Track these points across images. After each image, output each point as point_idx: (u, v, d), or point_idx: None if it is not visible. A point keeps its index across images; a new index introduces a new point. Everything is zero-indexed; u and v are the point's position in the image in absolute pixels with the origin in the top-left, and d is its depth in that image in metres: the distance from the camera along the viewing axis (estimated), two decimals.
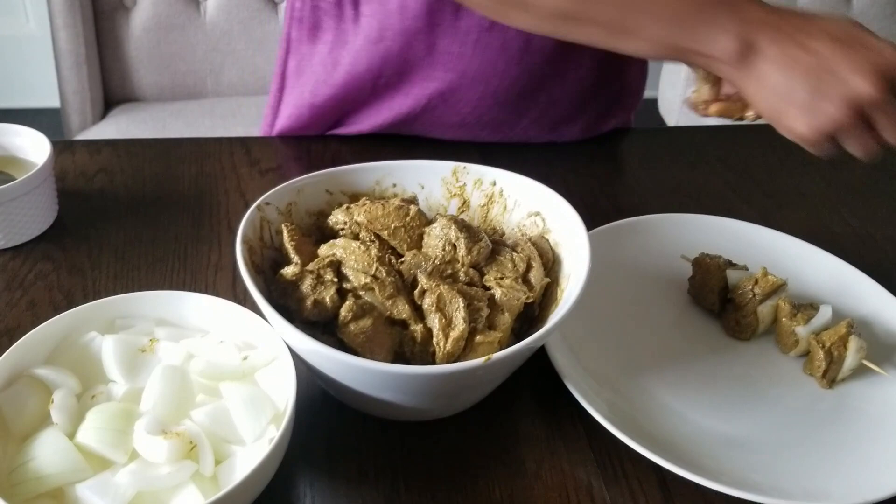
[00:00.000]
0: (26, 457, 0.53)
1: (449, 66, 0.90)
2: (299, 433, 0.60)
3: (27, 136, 0.84)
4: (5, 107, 2.62)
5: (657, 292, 0.78)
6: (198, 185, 0.91)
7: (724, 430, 0.65)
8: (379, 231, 0.65)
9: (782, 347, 0.73)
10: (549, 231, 0.69)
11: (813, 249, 0.82)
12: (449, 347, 0.59)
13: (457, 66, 0.90)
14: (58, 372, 0.58)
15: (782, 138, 1.05)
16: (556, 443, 0.64)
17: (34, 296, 0.74)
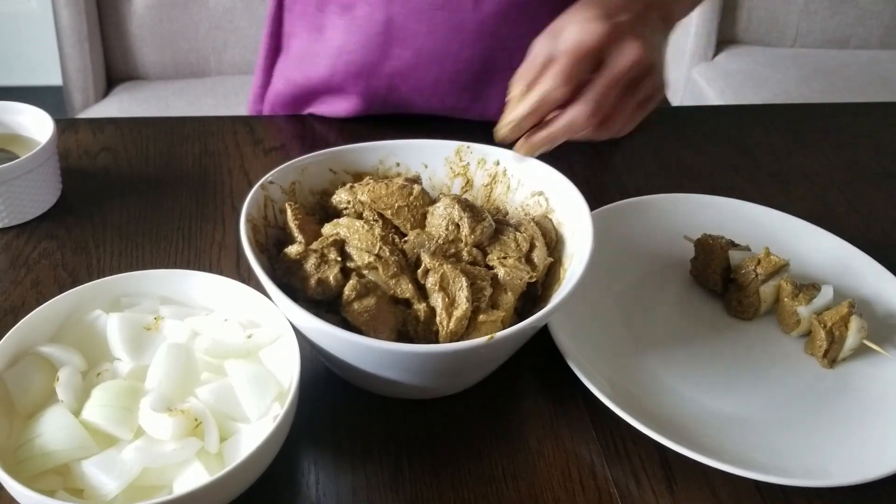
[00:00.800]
0: (32, 434, 0.54)
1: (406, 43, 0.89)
2: (303, 411, 0.60)
3: (30, 114, 0.83)
4: (7, 84, 2.61)
5: (660, 272, 0.78)
6: (201, 164, 0.91)
7: (725, 409, 0.66)
8: (382, 210, 0.65)
9: (784, 327, 0.73)
10: (553, 211, 0.69)
11: (815, 230, 0.82)
12: (452, 326, 0.60)
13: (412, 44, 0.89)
14: (63, 350, 0.59)
15: (786, 119, 1.05)
16: (559, 421, 0.65)
17: (39, 274, 0.74)
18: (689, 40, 2.14)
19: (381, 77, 0.92)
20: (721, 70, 2.10)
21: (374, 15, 0.89)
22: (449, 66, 0.90)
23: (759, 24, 2.18)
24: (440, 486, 0.59)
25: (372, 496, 0.58)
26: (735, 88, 2.03)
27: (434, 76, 0.91)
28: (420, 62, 0.90)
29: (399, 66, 0.91)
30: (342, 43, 0.92)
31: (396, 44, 0.90)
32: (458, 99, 0.94)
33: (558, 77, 0.62)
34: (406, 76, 0.92)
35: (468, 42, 0.89)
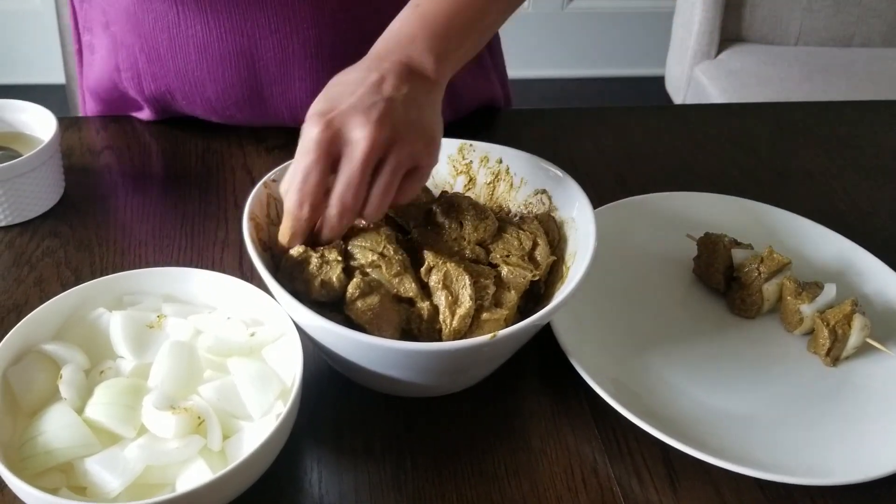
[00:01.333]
0: (35, 431, 0.54)
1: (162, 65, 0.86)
2: (306, 409, 0.60)
3: (33, 113, 0.84)
4: (10, 83, 2.61)
5: (662, 271, 0.78)
6: (204, 163, 0.91)
7: (728, 408, 0.65)
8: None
9: (787, 325, 0.73)
10: (556, 209, 0.69)
11: (818, 228, 0.82)
12: (455, 325, 0.60)
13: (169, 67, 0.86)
14: (66, 347, 0.59)
15: (789, 117, 1.05)
16: (561, 420, 0.65)
17: (42, 272, 0.74)
18: (692, 38, 2.14)
19: (156, 92, 0.89)
20: (724, 68, 2.10)
21: (126, 36, 0.86)
22: (211, 88, 0.87)
23: (763, 23, 2.18)
24: (443, 484, 0.59)
25: (374, 494, 0.58)
26: (738, 86, 2.03)
27: (201, 97, 0.88)
28: (182, 83, 0.87)
29: (167, 86, 0.88)
30: (111, 61, 0.90)
31: (154, 63, 0.86)
32: (239, 113, 0.90)
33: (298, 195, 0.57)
34: (178, 95, 0.89)
35: (222, 63, 0.85)
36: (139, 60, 0.87)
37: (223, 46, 0.83)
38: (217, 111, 0.90)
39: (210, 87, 0.87)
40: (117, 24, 0.86)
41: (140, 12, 0.82)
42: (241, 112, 0.90)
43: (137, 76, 0.88)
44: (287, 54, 0.84)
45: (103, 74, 0.92)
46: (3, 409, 0.56)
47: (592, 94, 2.90)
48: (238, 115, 0.90)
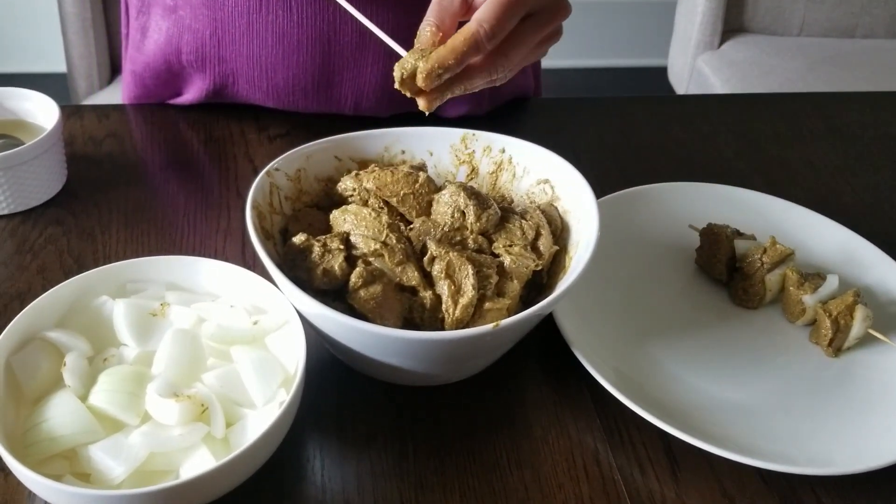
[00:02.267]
0: (39, 418, 0.54)
1: (233, 48, 0.87)
2: (309, 397, 0.61)
3: (36, 101, 0.83)
4: (12, 71, 2.61)
5: (665, 261, 0.78)
6: (206, 151, 0.91)
7: (730, 398, 0.66)
8: (388, 198, 0.65)
9: (789, 316, 0.73)
10: (558, 199, 0.69)
11: (821, 219, 0.82)
12: (458, 314, 0.60)
13: (240, 51, 0.87)
14: (70, 335, 0.59)
15: (792, 108, 1.05)
16: (564, 409, 0.65)
17: (44, 260, 0.75)
18: (695, 29, 2.13)
19: (218, 76, 0.90)
20: (727, 59, 2.09)
21: (197, 21, 0.86)
22: (282, 73, 0.88)
23: (766, 13, 2.17)
24: (444, 472, 0.59)
25: (377, 482, 0.58)
26: (741, 77, 2.02)
27: (269, 82, 0.89)
28: (251, 68, 0.88)
29: (232, 69, 0.89)
30: (172, 44, 0.90)
31: (225, 48, 0.87)
32: (302, 100, 0.91)
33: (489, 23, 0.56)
34: (241, 79, 0.89)
35: (298, 49, 0.86)
36: (208, 44, 0.87)
37: (302, 32, 0.84)
38: (280, 98, 0.90)
39: (281, 73, 0.87)
40: (188, 7, 0.86)
41: None
42: (306, 99, 0.90)
43: (201, 59, 0.88)
44: (364, 38, 0.84)
45: (156, 57, 0.91)
46: (7, 397, 0.56)
47: (595, 84, 2.90)
48: (301, 101, 0.91)
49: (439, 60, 0.56)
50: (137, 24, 0.93)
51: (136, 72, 0.95)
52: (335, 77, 0.88)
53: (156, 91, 0.96)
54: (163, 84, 0.94)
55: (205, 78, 0.91)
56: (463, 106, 0.96)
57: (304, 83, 0.88)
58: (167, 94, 0.96)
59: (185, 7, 0.86)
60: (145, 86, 0.95)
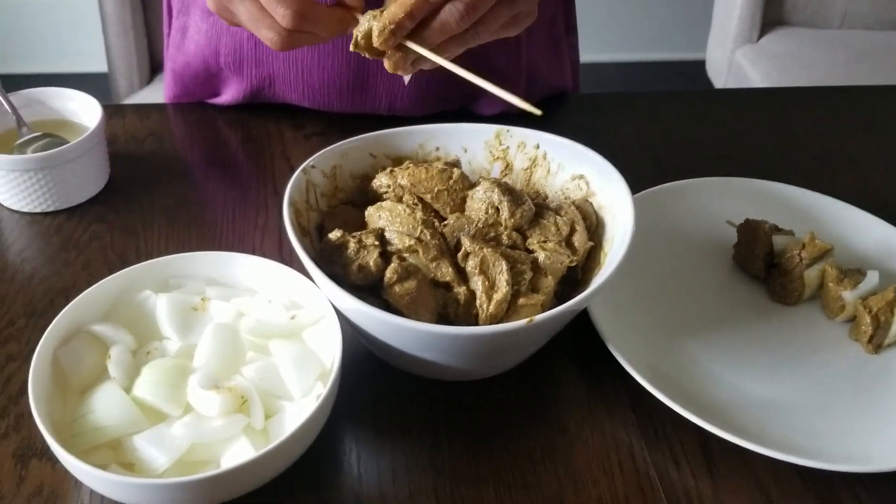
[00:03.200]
0: (85, 409, 0.56)
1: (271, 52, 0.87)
2: (345, 391, 0.61)
3: (79, 100, 0.85)
4: (54, 71, 2.66)
5: (702, 257, 0.78)
6: (244, 150, 0.92)
7: (767, 394, 0.65)
8: (422, 194, 0.66)
9: (828, 312, 0.72)
10: (593, 194, 0.69)
11: (860, 214, 0.80)
12: (492, 310, 0.60)
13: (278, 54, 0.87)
14: (114, 328, 0.60)
15: (832, 102, 1.03)
16: (598, 405, 0.65)
17: (89, 256, 0.76)
18: (734, 22, 2.10)
19: (255, 78, 0.91)
20: (766, 52, 2.07)
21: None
22: (317, 75, 0.88)
23: (806, 5, 2.14)
24: (478, 465, 0.60)
25: (412, 474, 0.59)
26: (780, 71, 1.99)
27: (305, 83, 0.89)
28: (287, 70, 0.89)
29: (269, 71, 0.90)
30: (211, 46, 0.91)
31: (262, 50, 0.88)
32: (337, 101, 0.92)
33: None
34: (278, 80, 0.90)
35: (333, 52, 0.86)
36: (245, 47, 0.88)
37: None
38: (315, 99, 0.92)
39: (316, 75, 0.88)
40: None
41: None
42: (341, 100, 0.91)
43: (239, 61, 0.90)
44: None
45: (196, 57, 0.93)
46: (54, 388, 0.57)
47: (632, 79, 2.87)
48: (336, 102, 0.92)
49: (390, 16, 0.58)
50: (178, 24, 0.95)
51: (175, 70, 0.97)
52: (369, 79, 0.89)
53: (194, 90, 0.97)
54: (201, 84, 0.96)
55: (242, 80, 0.92)
56: (498, 104, 0.96)
57: (339, 84, 0.89)
58: (206, 94, 0.98)
59: None
60: (184, 84, 0.97)
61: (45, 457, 0.59)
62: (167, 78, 1.00)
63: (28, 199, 0.80)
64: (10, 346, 0.67)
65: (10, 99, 0.83)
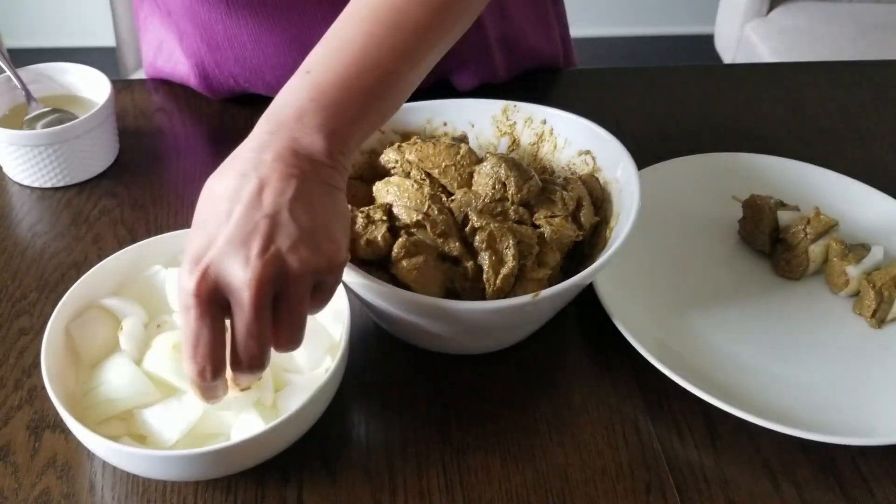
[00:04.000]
0: (97, 381, 0.57)
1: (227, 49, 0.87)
2: (353, 365, 0.62)
3: (87, 75, 0.86)
4: (61, 46, 2.66)
5: (707, 232, 0.78)
6: (254, 123, 0.92)
7: (771, 368, 0.66)
8: (430, 169, 0.66)
9: (832, 287, 0.73)
10: (600, 169, 0.69)
11: (866, 189, 0.80)
12: (499, 284, 0.61)
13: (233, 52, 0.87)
14: (126, 302, 0.61)
15: (841, 76, 1.03)
16: (604, 379, 0.65)
17: (99, 230, 0.77)
18: None
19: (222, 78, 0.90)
20: (775, 26, 2.05)
21: (187, 27, 0.87)
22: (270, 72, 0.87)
23: None
24: (486, 437, 0.61)
25: (420, 447, 0.60)
26: (789, 45, 1.98)
27: (262, 81, 0.89)
28: (243, 69, 0.88)
29: (230, 72, 0.89)
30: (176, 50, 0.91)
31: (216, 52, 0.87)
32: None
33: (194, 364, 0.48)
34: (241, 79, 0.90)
35: (279, 53, 0.85)
36: (201, 49, 0.88)
37: (275, 37, 0.84)
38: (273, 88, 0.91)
39: (269, 73, 0.88)
40: (177, 14, 0.88)
41: (195, 4, 0.84)
42: None
43: (202, 62, 0.90)
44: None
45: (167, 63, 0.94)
46: (66, 362, 0.58)
47: (639, 53, 2.85)
48: None
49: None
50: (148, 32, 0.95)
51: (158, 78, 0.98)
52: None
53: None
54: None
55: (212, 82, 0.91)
56: (474, 76, 0.93)
57: (292, 69, 0.88)
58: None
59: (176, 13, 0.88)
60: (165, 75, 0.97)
61: (58, 429, 0.60)
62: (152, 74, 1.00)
63: (38, 174, 0.80)
64: (22, 320, 0.68)
65: (19, 74, 0.83)
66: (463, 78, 0.93)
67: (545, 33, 0.99)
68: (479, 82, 0.94)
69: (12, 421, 0.60)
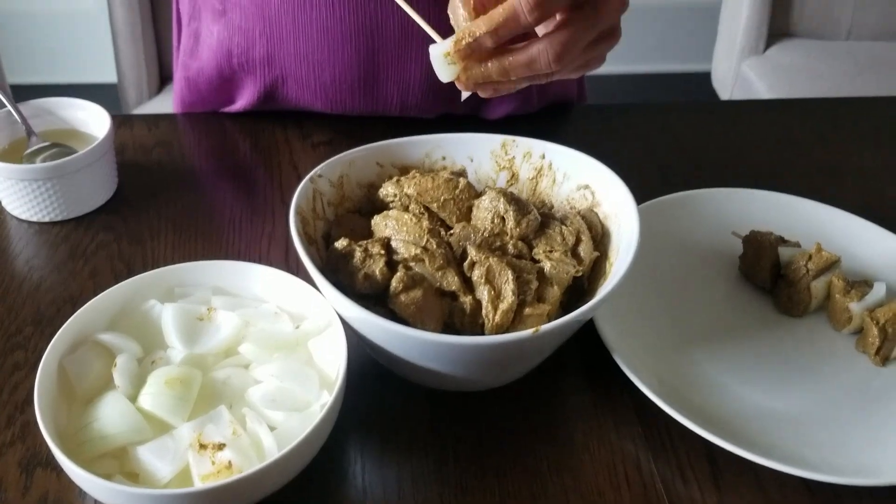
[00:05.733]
0: (90, 418, 0.56)
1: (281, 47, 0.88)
2: (350, 401, 0.61)
3: (88, 110, 0.86)
4: (64, 82, 2.68)
5: (707, 268, 0.78)
6: (252, 158, 0.92)
7: (774, 406, 0.65)
8: (428, 203, 0.66)
9: (835, 324, 0.72)
10: (599, 204, 0.69)
11: (867, 225, 0.80)
12: (498, 319, 0.60)
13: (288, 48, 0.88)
14: (121, 337, 0.61)
15: (839, 113, 1.03)
16: (605, 416, 0.64)
17: (96, 264, 0.77)
18: (740, 33, 2.10)
19: (268, 77, 0.92)
20: (772, 63, 2.06)
21: (246, 21, 0.88)
22: (329, 71, 0.89)
23: (812, 17, 2.13)
24: (485, 477, 0.60)
25: (417, 486, 0.59)
26: (787, 83, 1.99)
27: (317, 81, 0.90)
28: (299, 66, 0.89)
29: (281, 68, 0.90)
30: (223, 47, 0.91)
31: (273, 46, 0.89)
32: (349, 99, 0.92)
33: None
34: (290, 79, 0.91)
35: (343, 46, 0.87)
36: (258, 45, 0.89)
37: (345, 27, 0.85)
38: (329, 97, 0.92)
39: (328, 71, 0.89)
40: (237, 9, 0.88)
41: None
42: (353, 97, 0.92)
43: (251, 61, 0.91)
44: (406, 33, 0.86)
45: (209, 62, 0.94)
46: (60, 397, 0.58)
47: (637, 90, 2.87)
48: (349, 100, 0.92)
49: (470, 29, 0.55)
50: (190, 31, 0.95)
51: (189, 78, 0.97)
52: (380, 73, 0.89)
53: (209, 97, 0.98)
54: (216, 90, 0.96)
55: (256, 81, 0.92)
56: (507, 105, 0.96)
57: (351, 80, 0.90)
58: (220, 102, 0.98)
59: (235, 9, 0.88)
60: (199, 91, 0.97)
61: (50, 466, 0.59)
62: (179, 87, 1.01)
63: (37, 209, 0.80)
64: (16, 355, 0.67)
65: (20, 109, 0.83)
66: (496, 109, 0.96)
67: None
68: (510, 112, 0.96)
69: (4, 458, 0.59)
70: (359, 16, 0.84)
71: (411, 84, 0.90)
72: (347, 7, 0.84)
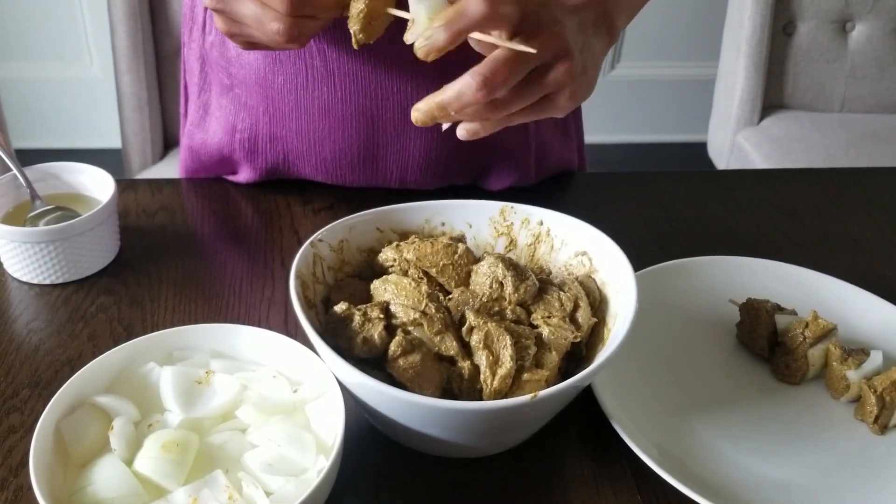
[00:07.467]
0: (85, 482, 0.55)
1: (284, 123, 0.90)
2: (348, 467, 0.61)
3: (92, 175, 0.87)
4: (70, 147, 2.72)
5: (705, 335, 0.78)
6: (253, 223, 0.93)
7: (773, 475, 0.64)
8: (427, 268, 0.66)
9: (833, 392, 0.72)
10: (596, 271, 0.70)
11: (863, 294, 0.81)
12: (496, 385, 0.60)
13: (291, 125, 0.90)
14: (118, 400, 0.60)
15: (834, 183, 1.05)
16: (603, 484, 0.64)
17: (95, 327, 0.77)
18: (735, 105, 2.15)
19: (270, 154, 0.93)
20: (767, 134, 2.10)
21: (251, 97, 0.90)
22: (329, 147, 0.90)
23: (806, 89, 2.18)
24: None
25: None
26: (782, 153, 2.02)
27: (317, 156, 0.91)
28: (301, 143, 0.91)
29: (283, 145, 0.92)
30: (228, 121, 0.94)
31: (276, 124, 0.90)
32: (349, 174, 0.93)
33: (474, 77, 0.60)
34: (291, 154, 0.93)
35: (343, 124, 0.88)
36: (261, 121, 0.91)
37: (346, 108, 0.87)
38: (329, 172, 0.93)
39: (328, 147, 0.90)
40: (243, 86, 0.90)
41: (270, 75, 0.87)
42: (353, 173, 0.93)
43: (254, 137, 0.92)
44: (406, 114, 0.87)
45: (214, 135, 0.96)
46: (56, 460, 0.57)
47: (635, 160, 2.92)
48: (349, 175, 0.94)
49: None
50: (200, 102, 0.98)
51: (193, 147, 0.99)
52: (380, 151, 0.91)
53: (212, 168, 1.00)
54: (217, 163, 0.98)
55: (257, 158, 0.94)
56: (508, 178, 0.98)
57: (350, 157, 0.91)
58: (223, 172, 1.00)
59: (241, 85, 0.90)
60: (201, 161, 0.99)
61: None
62: (183, 154, 1.03)
63: (38, 271, 0.81)
64: (12, 418, 0.67)
65: (25, 173, 0.85)
66: (495, 182, 0.98)
67: (567, 142, 1.04)
68: (510, 185, 0.98)
69: None
70: (359, 96, 0.86)
71: (410, 162, 0.92)
72: (348, 88, 0.86)
